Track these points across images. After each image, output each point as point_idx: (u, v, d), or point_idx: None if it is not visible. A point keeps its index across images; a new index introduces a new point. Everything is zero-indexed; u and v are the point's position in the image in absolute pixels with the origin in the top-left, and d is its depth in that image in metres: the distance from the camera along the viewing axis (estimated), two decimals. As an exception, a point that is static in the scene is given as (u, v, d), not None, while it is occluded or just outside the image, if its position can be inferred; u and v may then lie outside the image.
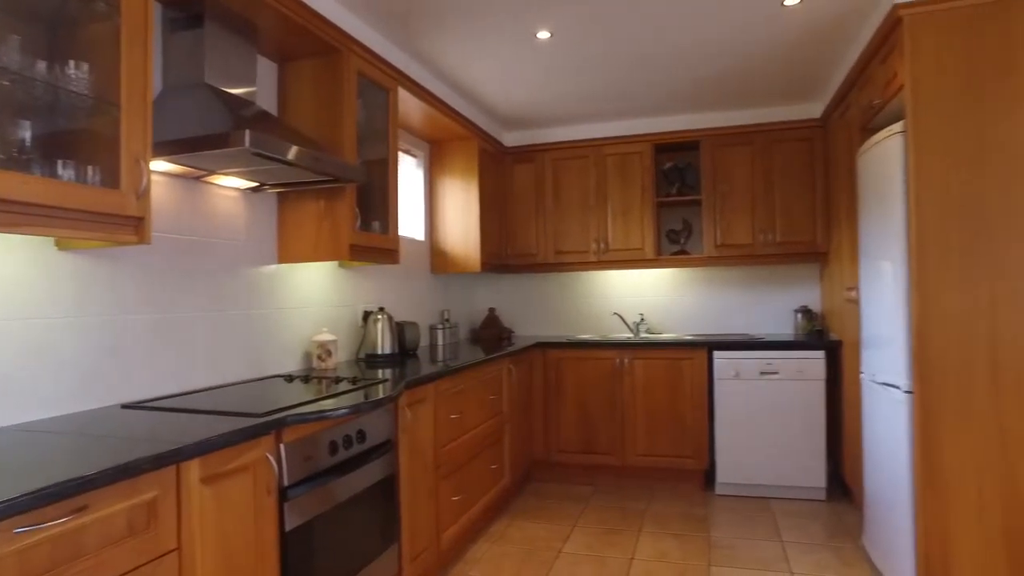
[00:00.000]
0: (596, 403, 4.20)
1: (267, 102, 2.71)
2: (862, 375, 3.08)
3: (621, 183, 4.46)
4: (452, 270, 4.26)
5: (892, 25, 2.61)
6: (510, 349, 3.81)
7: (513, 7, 2.77)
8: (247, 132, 1.80)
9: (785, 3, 2.75)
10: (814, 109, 4.16)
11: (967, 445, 2.43)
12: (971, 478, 2.43)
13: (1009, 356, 2.40)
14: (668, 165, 4.49)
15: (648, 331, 4.72)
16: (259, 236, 2.65)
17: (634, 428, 4.12)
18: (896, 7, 2.53)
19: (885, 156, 2.69)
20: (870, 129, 3.16)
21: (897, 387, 2.59)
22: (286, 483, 1.77)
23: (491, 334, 4.72)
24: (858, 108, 3.22)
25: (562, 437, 4.27)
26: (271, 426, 1.70)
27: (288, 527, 1.77)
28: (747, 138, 4.23)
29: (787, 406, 3.81)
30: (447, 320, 4.24)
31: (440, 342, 4.10)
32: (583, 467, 4.28)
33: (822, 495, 3.80)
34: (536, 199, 4.68)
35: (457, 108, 3.90)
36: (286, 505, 1.77)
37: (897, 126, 2.57)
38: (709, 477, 4.12)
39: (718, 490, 3.95)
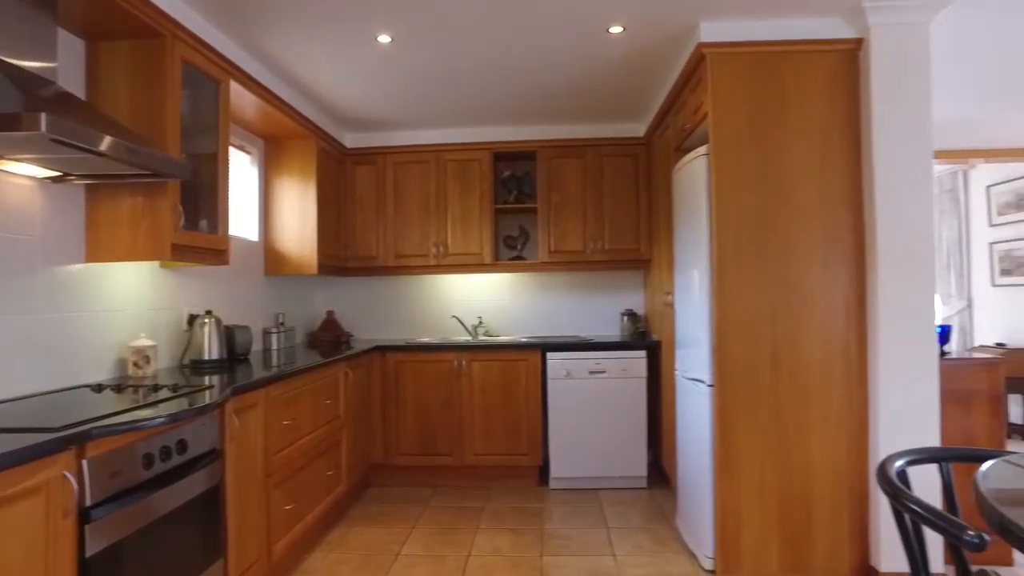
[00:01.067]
0: (435, 405, 4.25)
1: (72, 83, 2.45)
2: (677, 372, 3.41)
3: (461, 189, 4.56)
4: (288, 272, 4.10)
5: (698, 60, 2.94)
6: (348, 352, 3.75)
7: (352, 9, 2.74)
8: (43, 115, 1.63)
9: (610, 30, 2.99)
10: (639, 128, 4.54)
11: (754, 430, 2.80)
12: (756, 458, 2.80)
13: (785, 353, 2.80)
14: (506, 173, 4.67)
15: (486, 333, 4.87)
16: (61, 231, 2.38)
17: (472, 428, 4.22)
18: (700, 45, 2.85)
19: (693, 175, 3.01)
20: (684, 149, 3.52)
21: (702, 382, 2.91)
22: (88, 503, 1.62)
23: (329, 338, 4.60)
24: (674, 130, 3.58)
25: (402, 440, 4.27)
26: (69, 441, 1.55)
27: (89, 552, 1.62)
28: (580, 151, 4.51)
29: (613, 403, 4.11)
30: (282, 323, 4.07)
31: (274, 346, 3.93)
32: (423, 469, 4.30)
33: (644, 483, 4.14)
34: (377, 202, 4.64)
35: (295, 106, 3.77)
36: (88, 528, 1.62)
37: (702, 149, 2.90)
38: (544, 472, 4.32)
39: (552, 484, 4.16)
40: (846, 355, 2.80)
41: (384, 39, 3.05)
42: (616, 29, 2.98)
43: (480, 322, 4.88)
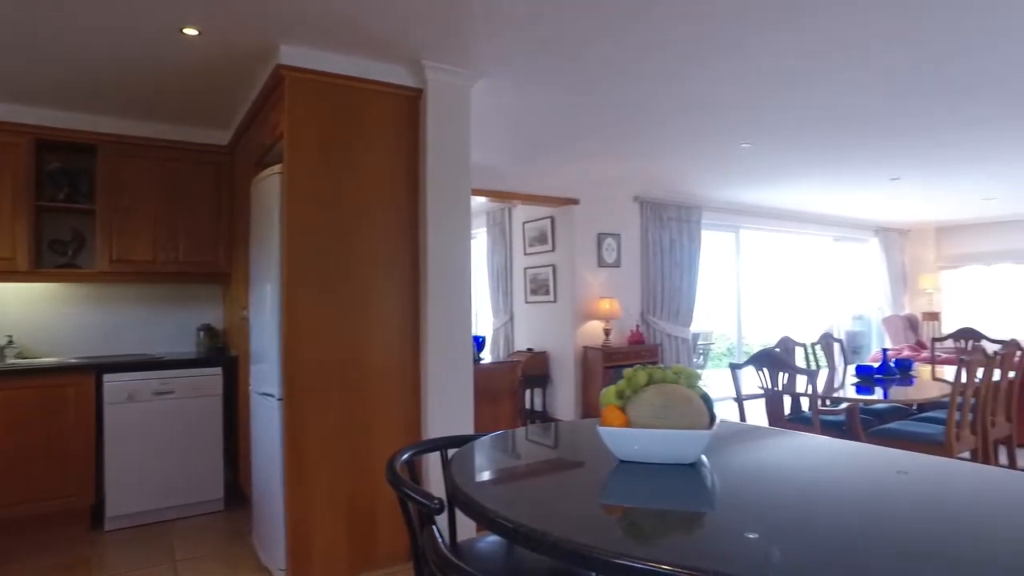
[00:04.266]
0: (-62, 450, 3.33)
1: None
2: (251, 387, 3.37)
3: (-13, 179, 3.70)
4: None
5: (278, 80, 3.00)
6: None
7: None
8: None
9: (184, 31, 2.83)
10: (224, 136, 4.35)
11: (324, 440, 2.96)
12: (326, 466, 2.97)
13: (352, 365, 3.03)
14: (55, 166, 3.95)
15: (20, 356, 4.00)
16: None
17: (-4, 473, 3.43)
18: (280, 66, 2.92)
19: (268, 192, 3.05)
20: (264, 164, 3.52)
21: (272, 396, 2.95)
22: None
23: None
24: (255, 144, 3.56)
25: None
26: None
27: None
28: (154, 152, 4.10)
29: (185, 424, 3.82)
30: None
31: None
32: (-87, 535, 3.32)
33: (221, 506, 3.95)
34: None
35: None
36: None
37: (277, 167, 2.96)
38: (100, 513, 3.76)
39: (108, 525, 3.65)
40: (403, 365, 3.17)
41: None
42: (191, 32, 2.83)
43: (10, 342, 3.99)
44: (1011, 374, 3.75)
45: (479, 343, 3.64)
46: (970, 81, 3.61)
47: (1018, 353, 3.75)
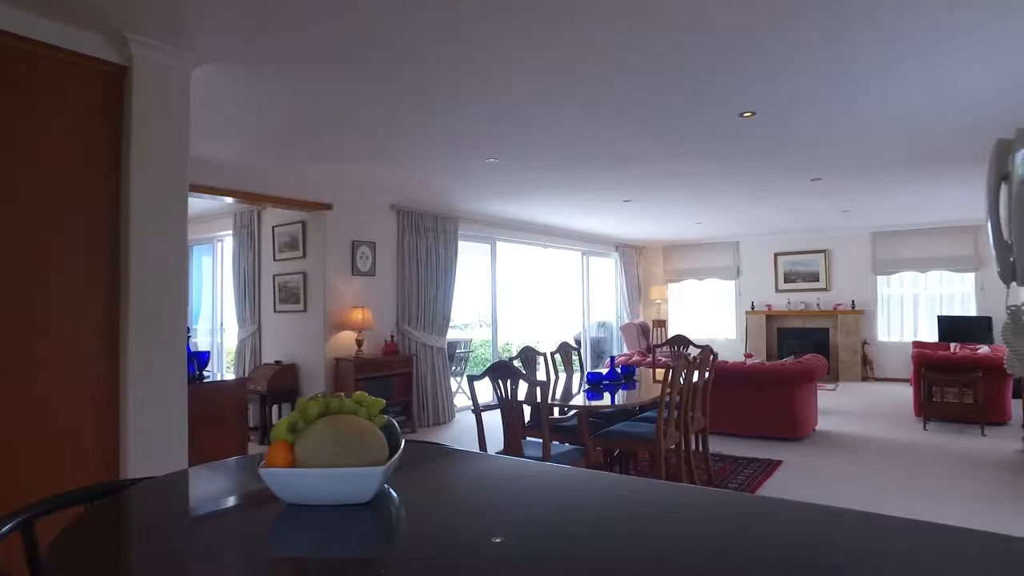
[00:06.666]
0: None
1: None
2: None
3: None
4: None
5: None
6: None
7: None
8: None
9: None
10: None
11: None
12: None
13: (16, 393, 2.44)
14: None
15: None
16: None
17: None
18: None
19: None
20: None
21: None
22: None
23: None
24: None
25: None
26: None
27: None
28: None
29: None
30: None
31: None
32: None
33: None
34: None
35: None
36: None
37: (-91, 144, 2.31)
38: None
39: None
40: (96, 394, 2.66)
41: None
42: None
43: None
44: (706, 375, 4.34)
45: (203, 359, 3.22)
46: (650, 119, 4.12)
47: (711, 357, 4.36)
